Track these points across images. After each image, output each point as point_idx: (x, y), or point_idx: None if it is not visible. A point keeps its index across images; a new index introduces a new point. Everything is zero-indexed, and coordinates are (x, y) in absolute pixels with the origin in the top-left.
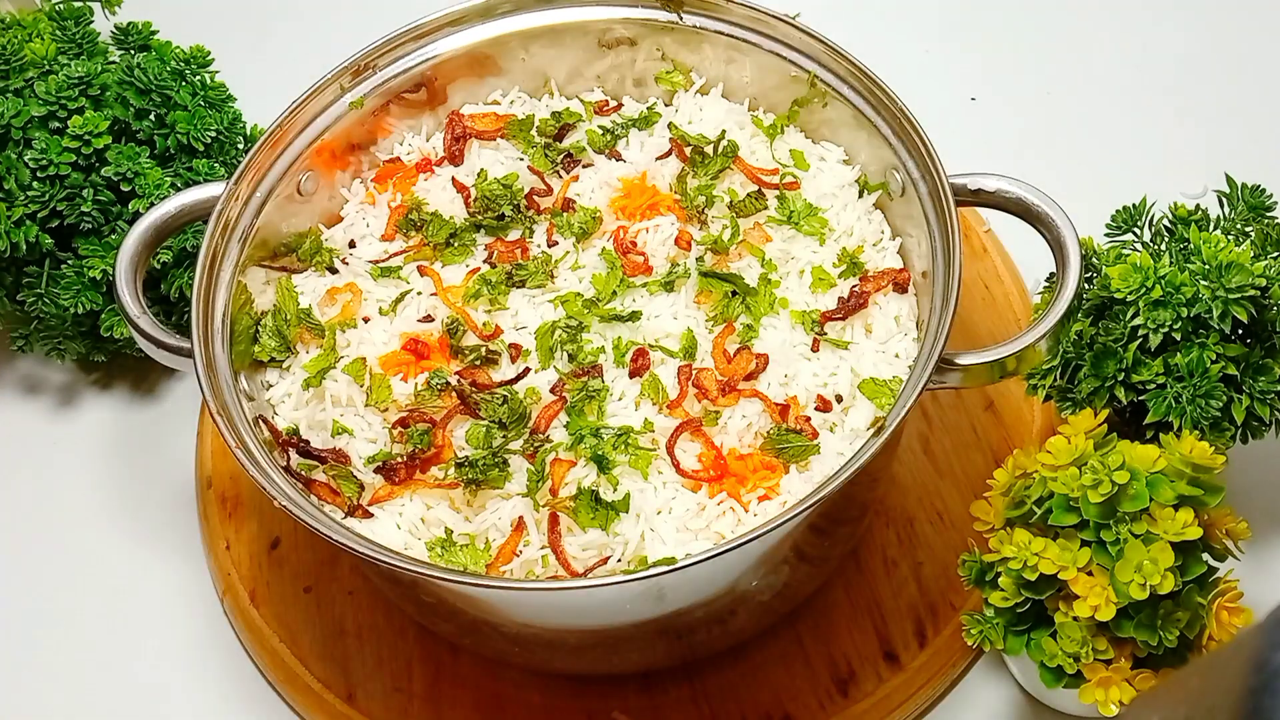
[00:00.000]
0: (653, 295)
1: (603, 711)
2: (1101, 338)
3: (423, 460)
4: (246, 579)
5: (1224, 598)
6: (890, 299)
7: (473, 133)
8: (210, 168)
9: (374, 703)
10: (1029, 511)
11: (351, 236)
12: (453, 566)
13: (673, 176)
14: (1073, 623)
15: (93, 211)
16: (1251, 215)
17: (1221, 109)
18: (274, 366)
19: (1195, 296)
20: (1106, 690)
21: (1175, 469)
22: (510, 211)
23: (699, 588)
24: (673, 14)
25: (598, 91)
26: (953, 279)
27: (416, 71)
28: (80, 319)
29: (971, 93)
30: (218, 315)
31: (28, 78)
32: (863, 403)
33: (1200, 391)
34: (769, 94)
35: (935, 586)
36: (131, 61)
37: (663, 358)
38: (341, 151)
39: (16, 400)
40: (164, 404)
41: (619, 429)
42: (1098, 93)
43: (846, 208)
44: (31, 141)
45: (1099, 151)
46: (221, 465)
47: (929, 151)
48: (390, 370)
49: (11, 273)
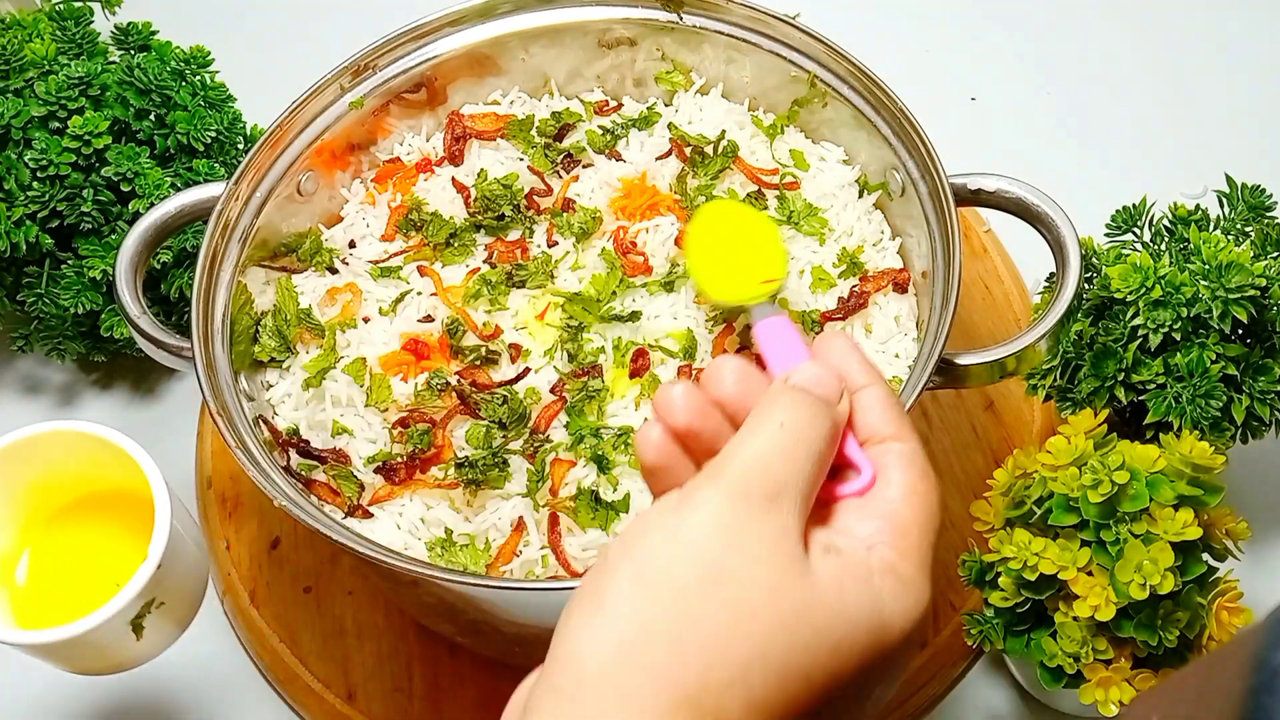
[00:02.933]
0: (653, 295)
1: None
2: (1101, 338)
3: (423, 460)
4: (246, 579)
5: (1224, 598)
6: (890, 299)
7: (473, 133)
8: (210, 168)
9: (374, 703)
10: (1029, 511)
11: (351, 236)
12: (453, 566)
13: (673, 176)
14: (1073, 623)
15: (93, 211)
16: (1251, 215)
17: (1221, 109)
18: (274, 366)
19: (1195, 296)
20: (1106, 690)
21: (1175, 469)
22: (510, 211)
23: None
24: (673, 14)
25: (598, 91)
26: (953, 279)
27: (416, 71)
28: (80, 319)
29: (971, 93)
30: (218, 315)
31: (28, 78)
32: None
33: (1200, 391)
34: (769, 94)
35: (935, 586)
36: (131, 61)
37: (663, 358)
38: (341, 151)
39: (16, 400)
40: (164, 404)
41: (619, 429)
42: (1098, 93)
43: (846, 208)
44: (31, 141)
45: (1099, 151)
46: (221, 465)
47: (929, 151)
48: (390, 370)
49: (11, 273)
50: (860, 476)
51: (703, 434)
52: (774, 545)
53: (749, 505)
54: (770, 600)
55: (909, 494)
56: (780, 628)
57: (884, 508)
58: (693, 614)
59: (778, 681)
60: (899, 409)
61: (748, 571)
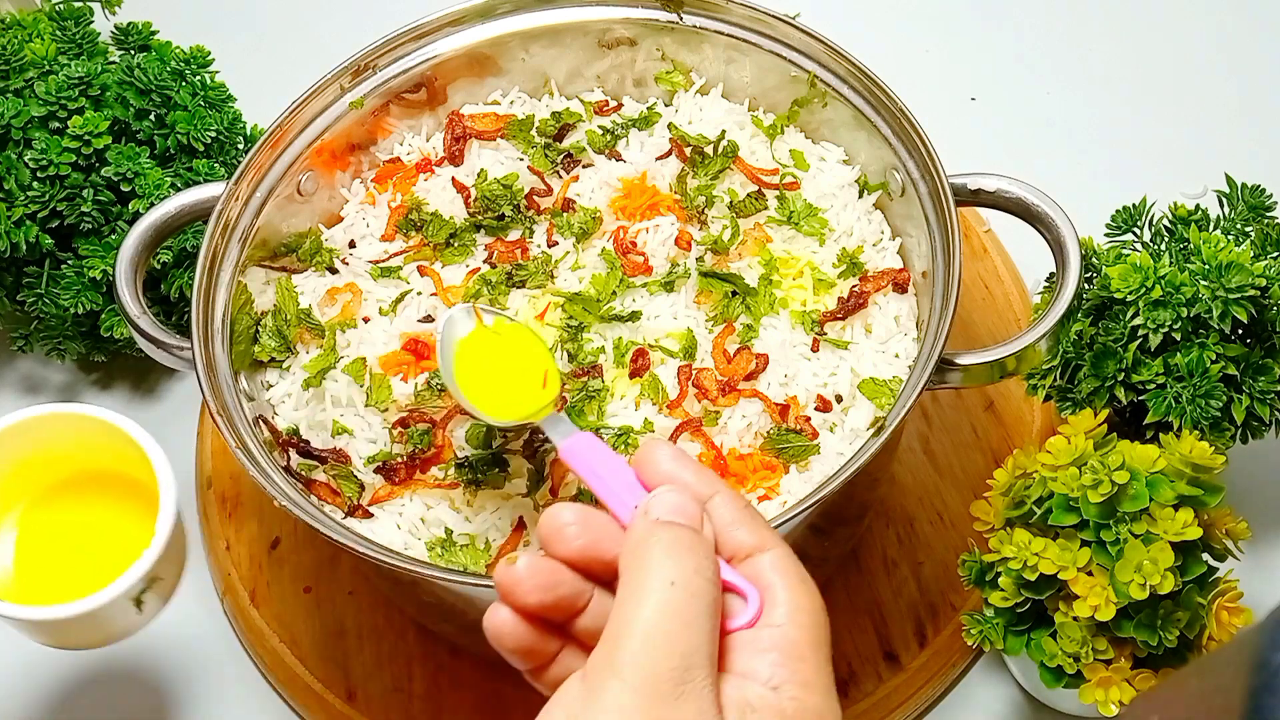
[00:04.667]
0: (653, 295)
1: None
2: (1101, 338)
3: (423, 460)
4: (246, 579)
5: (1224, 598)
6: (890, 299)
7: (473, 133)
8: (210, 168)
9: (374, 703)
10: (1029, 511)
11: (351, 236)
12: (453, 566)
13: (673, 176)
14: (1073, 623)
15: (93, 211)
16: (1251, 215)
17: (1221, 109)
18: (274, 366)
19: (1195, 296)
20: (1106, 690)
21: (1175, 469)
22: (510, 211)
23: None
24: (673, 14)
25: (598, 91)
26: (953, 279)
27: (416, 71)
28: (80, 319)
29: (971, 93)
30: (218, 315)
31: (28, 78)
32: (863, 403)
33: (1200, 391)
34: (769, 94)
35: (935, 586)
36: (131, 61)
37: (663, 358)
38: (341, 151)
39: (16, 400)
40: (164, 404)
41: (619, 429)
42: (1098, 93)
43: (846, 208)
44: (31, 141)
45: (1099, 151)
46: (221, 465)
47: (929, 151)
48: (390, 370)
49: (11, 273)
50: (747, 605)
51: (560, 604)
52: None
53: (660, 698)
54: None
55: (795, 612)
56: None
57: (775, 635)
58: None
59: None
60: (752, 510)
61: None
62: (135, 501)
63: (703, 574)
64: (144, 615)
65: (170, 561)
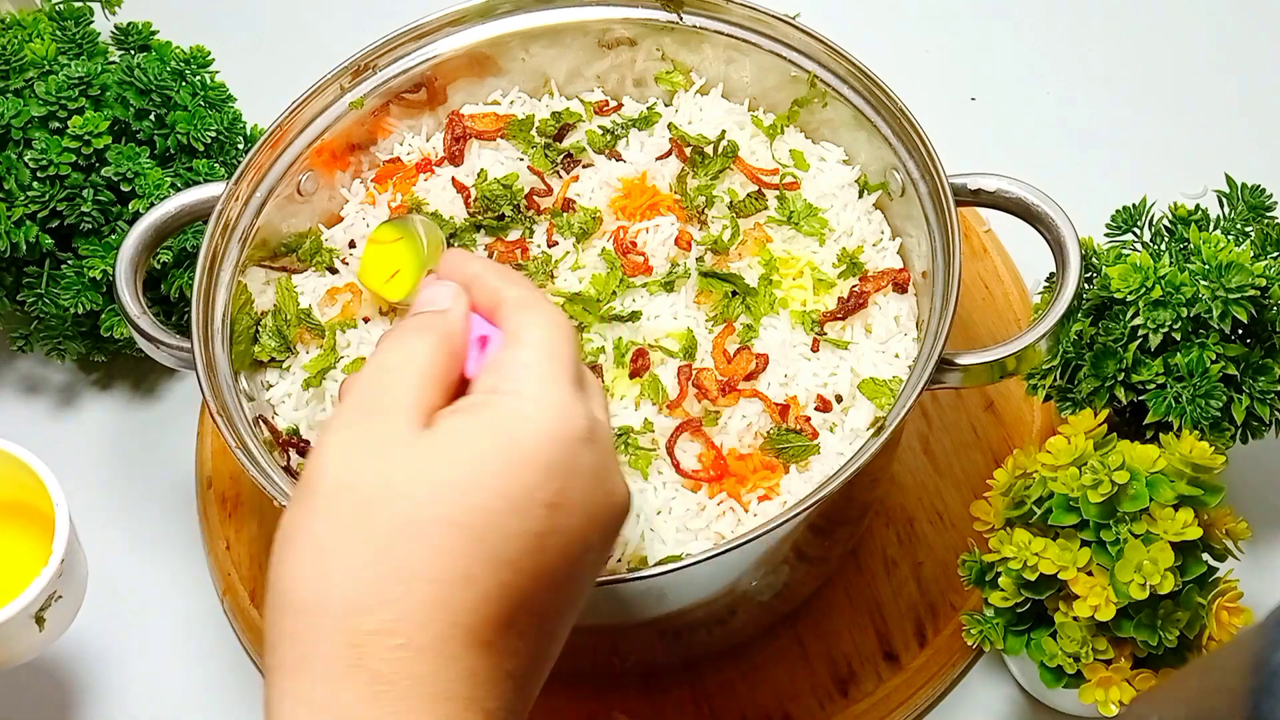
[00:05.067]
0: (653, 295)
1: (603, 712)
2: (1101, 338)
3: None
4: (246, 579)
5: (1224, 598)
6: (890, 299)
7: (473, 133)
8: (210, 168)
9: None
10: (1029, 511)
11: (351, 236)
12: None
13: (673, 176)
14: (1073, 623)
15: (93, 211)
16: (1251, 215)
17: (1221, 109)
18: (274, 367)
19: (1195, 296)
20: (1106, 690)
21: (1175, 469)
22: (510, 212)
23: (699, 588)
24: (673, 14)
25: (598, 91)
26: (953, 279)
27: (416, 71)
28: (80, 319)
29: (971, 93)
30: (218, 315)
31: (28, 78)
32: (863, 403)
33: (1200, 391)
34: (769, 94)
35: (935, 586)
36: (131, 62)
37: (663, 358)
38: (341, 151)
39: (16, 400)
40: (164, 404)
41: (619, 429)
42: (1098, 93)
43: (846, 208)
44: (31, 141)
45: (1099, 151)
46: (221, 465)
47: (929, 151)
48: None
49: (11, 273)
50: (489, 345)
51: None
52: (381, 438)
53: (364, 412)
54: (379, 481)
55: (520, 329)
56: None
57: (505, 355)
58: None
59: (436, 553)
60: (501, 270)
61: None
62: (36, 529)
63: (421, 337)
64: (46, 634)
65: (70, 580)
